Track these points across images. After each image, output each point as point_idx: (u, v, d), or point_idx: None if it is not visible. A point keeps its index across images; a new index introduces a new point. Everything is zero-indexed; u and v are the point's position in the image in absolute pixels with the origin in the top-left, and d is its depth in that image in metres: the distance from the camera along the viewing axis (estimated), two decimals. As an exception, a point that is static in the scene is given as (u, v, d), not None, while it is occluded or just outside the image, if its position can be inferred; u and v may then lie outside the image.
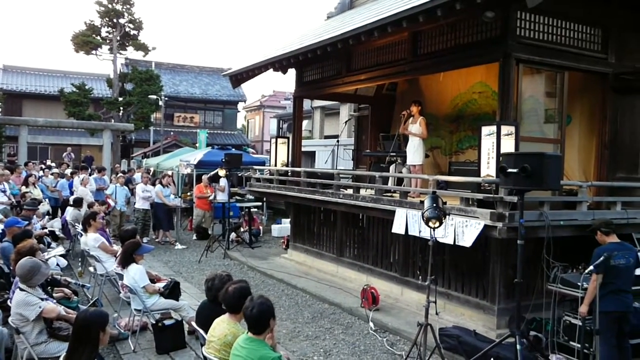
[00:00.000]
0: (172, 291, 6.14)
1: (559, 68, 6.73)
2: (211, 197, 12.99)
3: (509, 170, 4.82)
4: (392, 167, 8.79)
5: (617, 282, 4.87)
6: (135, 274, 5.79)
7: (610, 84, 6.98)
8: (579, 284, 5.02)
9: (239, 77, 10.71)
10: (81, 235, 7.92)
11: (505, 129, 5.89)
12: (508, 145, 5.81)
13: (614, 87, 6.97)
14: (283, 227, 13.48)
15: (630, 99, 6.91)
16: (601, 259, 4.81)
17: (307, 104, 19.59)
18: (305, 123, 21.45)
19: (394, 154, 8.67)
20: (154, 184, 12.95)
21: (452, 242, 6.06)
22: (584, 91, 7.37)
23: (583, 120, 7.48)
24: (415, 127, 8.12)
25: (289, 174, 10.09)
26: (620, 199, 6.71)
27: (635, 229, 6.72)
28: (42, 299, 4.59)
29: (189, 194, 15.26)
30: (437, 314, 5.54)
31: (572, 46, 6.75)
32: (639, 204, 6.85)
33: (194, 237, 13.41)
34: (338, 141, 11.80)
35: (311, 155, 18.49)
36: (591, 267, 4.82)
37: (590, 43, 6.89)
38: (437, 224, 5.08)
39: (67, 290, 5.81)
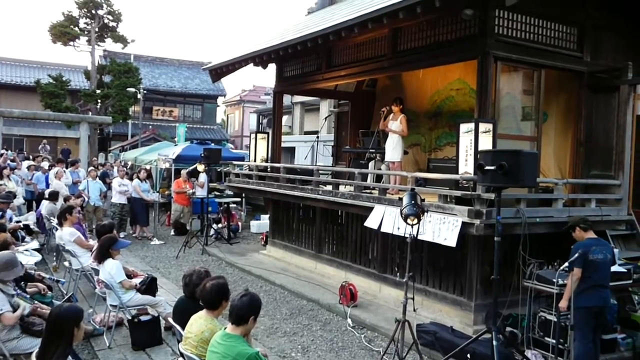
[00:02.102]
0: (149, 287, 6.07)
1: (535, 66, 6.81)
2: (190, 192, 12.87)
3: (487, 167, 4.85)
4: (371, 164, 8.79)
5: (596, 276, 4.95)
6: (112, 269, 5.71)
7: (586, 82, 7.08)
8: (554, 280, 5.07)
9: (219, 72, 10.62)
10: (56, 229, 7.77)
11: (483, 127, 5.94)
12: (486, 143, 5.85)
13: (588, 86, 7.07)
14: (262, 224, 13.42)
15: (604, 97, 7.02)
16: (580, 252, 4.89)
17: (287, 99, 19.50)
18: (285, 118, 21.39)
19: (373, 150, 8.67)
20: (131, 178, 12.78)
21: (430, 239, 6.08)
22: (560, 89, 7.47)
23: (559, 118, 7.58)
24: (396, 124, 8.14)
25: (269, 169, 10.05)
26: (595, 197, 6.81)
27: (609, 226, 6.83)
28: (12, 295, 4.49)
29: (167, 189, 15.09)
30: (414, 310, 5.56)
31: (548, 45, 6.82)
32: (613, 202, 6.95)
33: (172, 233, 13.28)
34: (318, 137, 11.78)
35: (291, 151, 18.44)
36: (571, 260, 4.88)
37: (567, 42, 6.98)
38: (416, 221, 5.09)
39: (41, 285, 5.71)
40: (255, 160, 10.71)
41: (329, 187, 8.44)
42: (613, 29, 7.13)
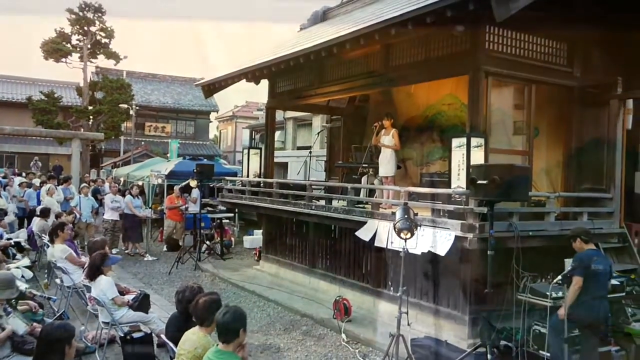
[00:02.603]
0: (142, 303, 6.02)
1: (526, 81, 6.88)
2: (182, 208, 12.82)
3: (479, 181, 4.88)
4: (364, 179, 8.82)
5: (595, 287, 4.99)
6: (104, 286, 5.67)
7: (576, 97, 7.16)
8: (548, 293, 5.09)
9: (212, 87, 10.64)
10: (48, 246, 7.71)
11: (474, 141, 5.98)
12: (478, 157, 5.89)
13: (579, 100, 7.16)
14: (255, 239, 13.38)
15: (595, 112, 7.11)
16: (581, 261, 4.92)
17: (279, 115, 19.55)
18: (277, 134, 21.43)
19: (366, 165, 8.70)
20: (123, 195, 12.73)
21: (423, 250, 6.08)
22: (551, 104, 7.56)
23: (550, 132, 7.66)
24: (388, 138, 8.18)
25: (261, 184, 10.04)
26: (587, 210, 6.85)
27: (601, 239, 6.87)
28: (0, 316, 4.44)
29: (159, 204, 15.03)
30: (409, 324, 5.55)
31: (539, 60, 6.91)
32: (605, 215, 7.00)
33: (165, 249, 13.20)
34: (310, 152, 11.81)
35: (284, 166, 18.44)
36: (573, 268, 4.92)
37: (557, 57, 7.07)
38: (409, 235, 5.10)
39: (32, 303, 5.65)
40: (248, 176, 10.71)
41: (322, 202, 8.44)
42: (603, 44, 7.23)
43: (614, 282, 5.74)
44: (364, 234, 6.91)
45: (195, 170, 11.71)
